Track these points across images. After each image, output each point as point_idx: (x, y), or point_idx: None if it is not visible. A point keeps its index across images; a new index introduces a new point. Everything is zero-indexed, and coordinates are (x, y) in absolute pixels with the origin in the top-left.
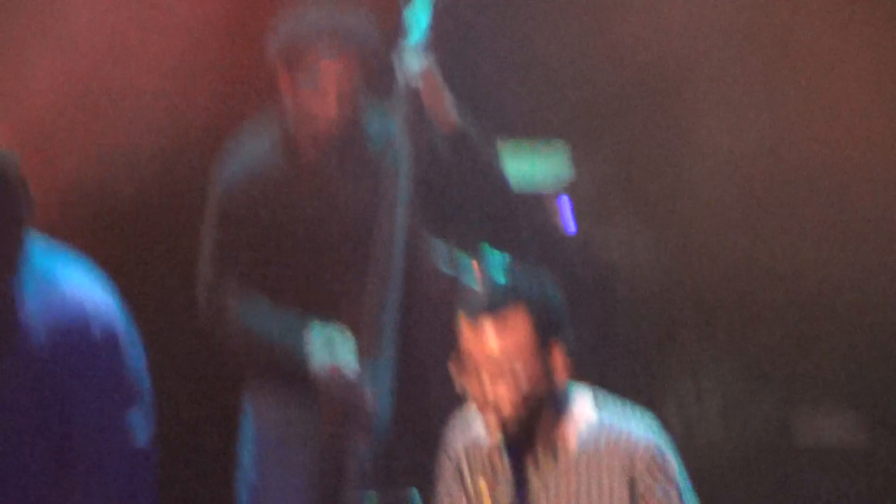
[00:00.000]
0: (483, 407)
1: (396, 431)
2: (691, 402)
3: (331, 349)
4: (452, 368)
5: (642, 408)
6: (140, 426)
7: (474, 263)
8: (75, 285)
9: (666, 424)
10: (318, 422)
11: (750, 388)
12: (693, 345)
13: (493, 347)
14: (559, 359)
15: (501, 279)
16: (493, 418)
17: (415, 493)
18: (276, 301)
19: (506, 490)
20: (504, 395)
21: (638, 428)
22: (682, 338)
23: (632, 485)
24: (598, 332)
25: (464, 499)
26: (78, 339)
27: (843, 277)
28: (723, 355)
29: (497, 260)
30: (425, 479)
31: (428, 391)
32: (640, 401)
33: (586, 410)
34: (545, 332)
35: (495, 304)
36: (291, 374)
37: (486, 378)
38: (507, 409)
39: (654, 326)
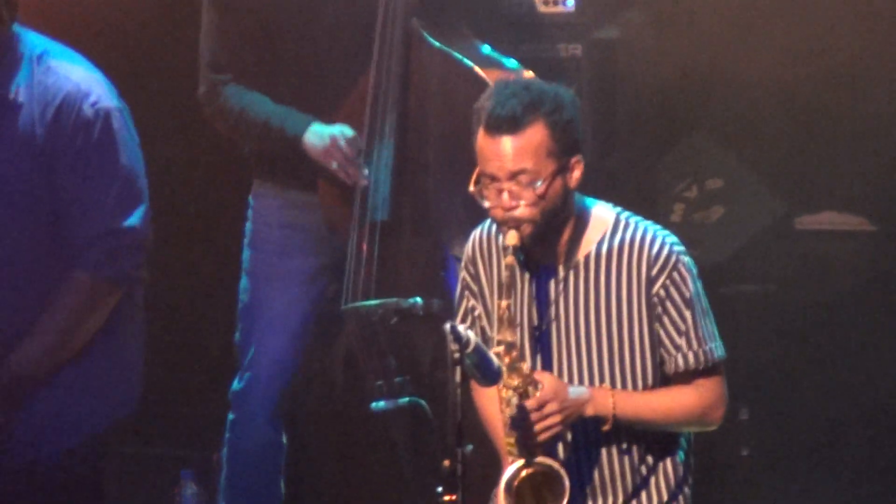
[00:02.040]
0: (503, 224)
1: (397, 230)
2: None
3: (329, 130)
4: (472, 188)
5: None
6: (129, 206)
7: (488, 72)
8: (69, 67)
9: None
10: (319, 220)
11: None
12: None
13: (513, 164)
14: (577, 174)
15: (521, 95)
16: (512, 235)
17: (419, 300)
18: (274, 95)
19: (526, 305)
20: (524, 211)
21: (657, 235)
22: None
23: (649, 286)
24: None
25: (483, 314)
26: (69, 114)
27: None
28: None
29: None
30: (427, 290)
31: (427, 177)
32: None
33: (606, 221)
34: (564, 147)
35: (515, 120)
36: (292, 167)
37: (506, 195)
38: (527, 225)
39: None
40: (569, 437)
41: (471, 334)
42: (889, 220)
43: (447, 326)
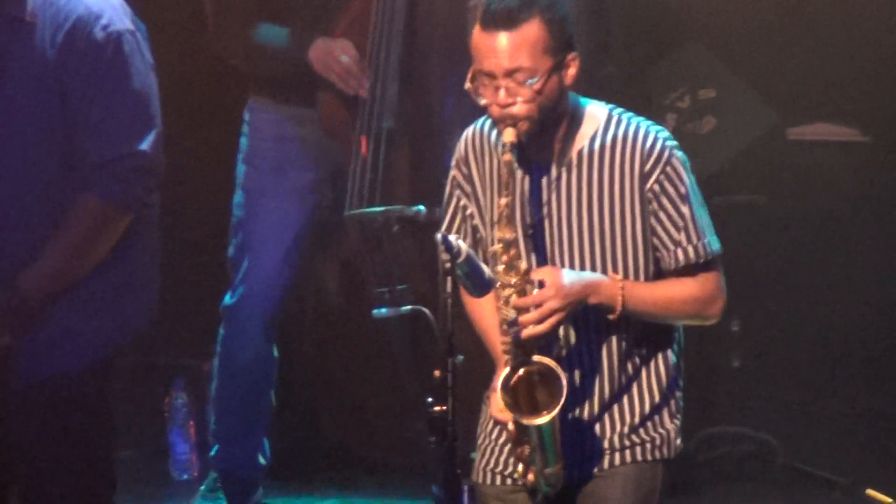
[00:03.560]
0: (499, 121)
1: (402, 138)
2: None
3: (328, 44)
4: (469, 85)
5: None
6: (140, 131)
7: None
8: None
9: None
10: (316, 134)
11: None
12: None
13: (510, 61)
14: (573, 71)
15: None
16: (510, 132)
17: (422, 208)
18: (277, 19)
19: (520, 204)
20: (521, 108)
21: (650, 130)
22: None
23: (643, 182)
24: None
25: (475, 213)
26: (80, 37)
27: None
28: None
29: None
30: (430, 198)
31: (432, 84)
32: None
33: (598, 118)
34: (560, 44)
35: (511, 16)
36: (289, 82)
37: (502, 92)
38: (524, 122)
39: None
40: (562, 335)
41: (462, 244)
42: (881, 131)
43: (438, 236)
